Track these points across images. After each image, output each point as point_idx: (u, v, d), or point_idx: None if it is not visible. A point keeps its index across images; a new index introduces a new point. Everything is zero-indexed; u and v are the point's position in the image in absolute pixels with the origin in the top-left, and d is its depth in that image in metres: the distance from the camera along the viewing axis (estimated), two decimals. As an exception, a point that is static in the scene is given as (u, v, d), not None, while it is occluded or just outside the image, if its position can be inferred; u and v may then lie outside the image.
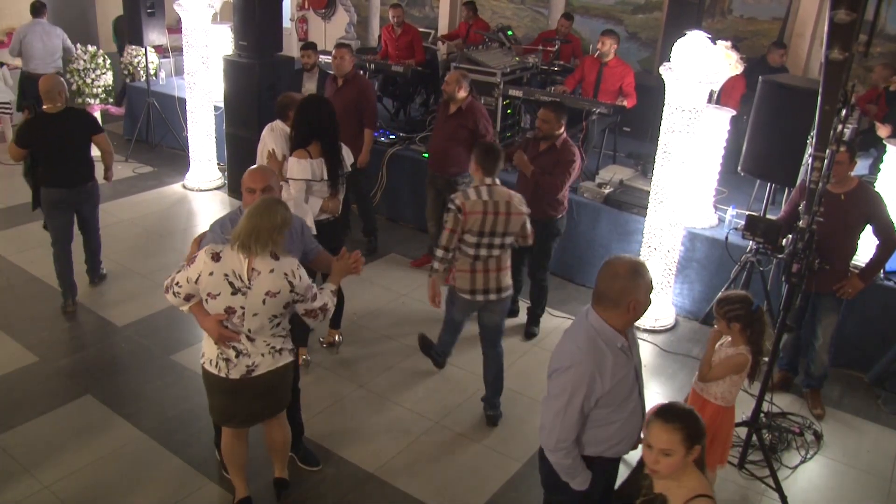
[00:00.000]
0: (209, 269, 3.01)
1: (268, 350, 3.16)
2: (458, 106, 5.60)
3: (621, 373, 2.57)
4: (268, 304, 3.03)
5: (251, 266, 2.99)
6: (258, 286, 3.00)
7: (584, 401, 2.53)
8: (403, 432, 4.23)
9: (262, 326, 3.10)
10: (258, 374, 3.16)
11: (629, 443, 2.74)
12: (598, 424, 2.64)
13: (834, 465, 4.19)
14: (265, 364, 3.16)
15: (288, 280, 3.03)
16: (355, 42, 10.96)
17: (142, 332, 5.07)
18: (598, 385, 2.52)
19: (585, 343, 2.56)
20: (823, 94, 3.18)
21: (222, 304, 3.04)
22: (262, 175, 3.37)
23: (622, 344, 2.58)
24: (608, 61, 6.82)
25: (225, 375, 3.15)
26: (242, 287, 3.01)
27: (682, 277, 5.64)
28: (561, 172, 4.83)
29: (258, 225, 2.95)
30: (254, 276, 2.99)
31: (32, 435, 4.04)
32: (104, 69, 8.51)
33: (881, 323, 4.86)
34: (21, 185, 7.67)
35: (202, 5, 7.34)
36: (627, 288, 2.51)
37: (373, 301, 5.69)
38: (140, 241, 6.56)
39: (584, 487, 2.69)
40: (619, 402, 2.62)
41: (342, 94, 6.00)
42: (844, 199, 4.19)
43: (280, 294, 3.03)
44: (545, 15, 10.23)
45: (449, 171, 5.71)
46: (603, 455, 2.72)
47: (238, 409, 3.27)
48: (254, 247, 2.96)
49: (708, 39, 4.85)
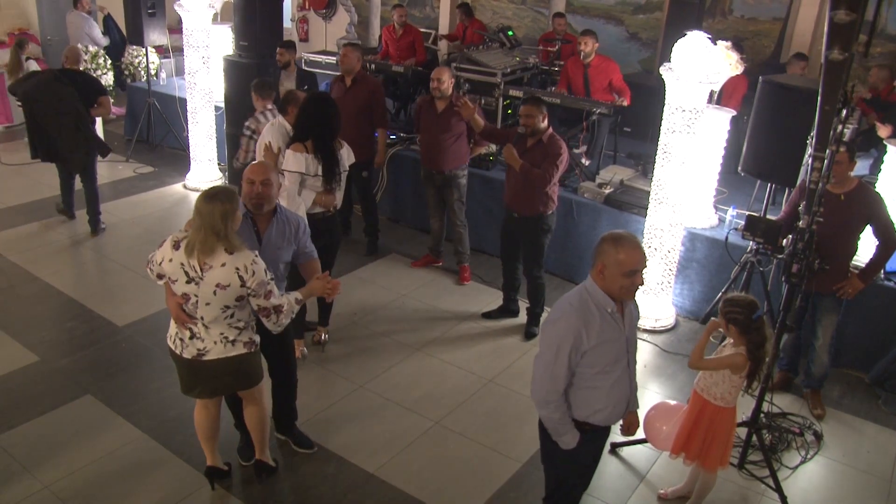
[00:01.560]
0: (169, 255, 3.16)
1: (220, 339, 3.25)
2: (446, 102, 5.60)
3: (608, 335, 2.76)
4: (218, 295, 3.12)
5: (203, 260, 3.09)
6: (209, 278, 3.10)
7: (571, 352, 2.72)
8: (403, 432, 4.23)
9: (216, 317, 3.19)
10: (208, 359, 3.27)
11: (615, 413, 2.91)
12: (583, 386, 2.82)
13: (834, 466, 4.19)
14: (216, 351, 3.26)
15: (238, 275, 3.10)
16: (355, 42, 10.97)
17: (142, 332, 5.08)
18: (584, 339, 2.71)
19: (577, 301, 2.77)
20: (823, 95, 3.18)
21: (180, 290, 3.18)
22: (262, 168, 3.46)
23: (612, 309, 2.75)
24: (590, 61, 6.82)
25: (179, 353, 3.32)
26: (196, 277, 3.12)
27: (682, 278, 5.64)
28: (548, 166, 4.87)
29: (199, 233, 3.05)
30: (206, 269, 3.10)
31: (33, 435, 4.04)
32: (105, 69, 8.52)
33: (881, 323, 4.86)
34: (21, 185, 7.71)
35: (203, 6, 7.35)
36: (601, 250, 2.73)
37: (373, 300, 5.69)
38: (141, 241, 6.56)
39: (571, 446, 2.87)
40: (604, 366, 2.79)
41: (352, 95, 5.99)
42: (844, 200, 4.19)
43: (230, 287, 3.11)
44: (545, 15, 10.23)
45: (448, 167, 5.72)
46: (590, 421, 2.89)
47: (196, 383, 3.41)
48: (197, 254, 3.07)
49: (708, 40, 4.86)
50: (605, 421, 2.92)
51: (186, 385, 3.46)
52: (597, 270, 2.74)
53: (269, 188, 3.42)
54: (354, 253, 6.42)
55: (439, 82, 5.54)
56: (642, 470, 4.05)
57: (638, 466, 4.07)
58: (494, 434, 4.24)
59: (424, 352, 5.06)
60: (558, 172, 4.93)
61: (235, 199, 3.13)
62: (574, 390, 2.84)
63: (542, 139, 4.92)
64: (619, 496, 3.85)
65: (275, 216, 3.53)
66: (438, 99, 5.61)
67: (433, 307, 5.67)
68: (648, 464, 4.08)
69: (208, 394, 3.48)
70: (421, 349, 5.09)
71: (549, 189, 4.96)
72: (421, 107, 5.85)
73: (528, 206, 5.01)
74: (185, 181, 7.94)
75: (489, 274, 6.10)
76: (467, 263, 6.07)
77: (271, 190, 3.43)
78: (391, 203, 7.14)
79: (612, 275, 2.71)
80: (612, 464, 4.09)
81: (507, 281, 5.47)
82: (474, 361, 4.96)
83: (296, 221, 3.64)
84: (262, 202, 3.42)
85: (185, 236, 3.15)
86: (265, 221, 3.51)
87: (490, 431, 4.28)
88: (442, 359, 4.97)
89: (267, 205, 3.45)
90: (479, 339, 5.25)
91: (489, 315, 5.54)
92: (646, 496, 3.87)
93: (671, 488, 3.85)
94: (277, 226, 3.53)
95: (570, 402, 2.86)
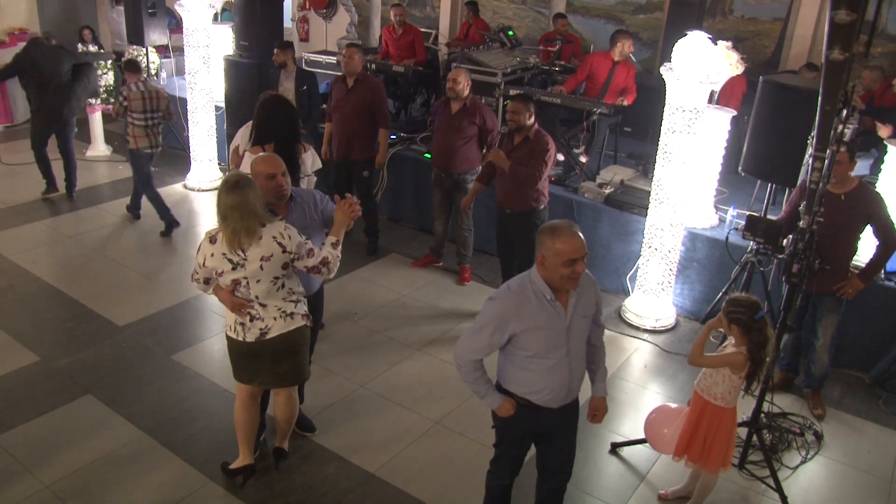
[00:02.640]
0: (210, 251, 3.29)
1: (279, 314, 3.37)
2: (462, 104, 5.60)
3: (543, 322, 2.83)
4: (265, 268, 3.24)
5: (246, 243, 3.22)
6: (252, 255, 3.23)
7: (493, 331, 2.85)
8: (403, 432, 4.23)
9: (269, 291, 3.31)
10: (271, 336, 3.38)
11: (556, 397, 2.96)
12: (518, 366, 2.95)
13: (834, 466, 4.19)
14: (277, 327, 3.38)
15: (277, 242, 3.22)
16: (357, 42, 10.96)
17: (142, 332, 5.08)
18: (512, 323, 2.82)
19: (516, 286, 2.88)
20: (824, 95, 3.18)
21: (228, 279, 3.30)
22: (276, 161, 3.49)
23: (550, 297, 2.81)
24: (620, 61, 6.84)
25: (242, 339, 3.41)
26: (239, 261, 3.25)
27: (682, 278, 5.64)
28: (536, 162, 4.89)
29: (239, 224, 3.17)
30: (247, 249, 3.23)
31: (33, 434, 4.04)
32: (105, 69, 8.52)
33: (881, 323, 4.86)
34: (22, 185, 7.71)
35: (203, 6, 7.35)
36: (540, 242, 2.80)
37: (373, 300, 5.69)
38: (141, 240, 6.56)
39: (494, 407, 3.03)
40: (538, 351, 2.87)
41: (354, 95, 5.98)
42: (845, 200, 4.19)
43: (274, 257, 3.23)
44: (546, 15, 10.23)
45: (458, 170, 5.72)
46: (529, 398, 2.97)
47: (258, 371, 3.50)
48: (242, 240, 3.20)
49: (709, 40, 4.85)
50: (547, 402, 2.98)
51: (246, 373, 3.53)
52: (538, 261, 2.81)
53: (286, 177, 3.49)
54: (355, 253, 6.42)
55: (455, 83, 5.55)
56: (642, 470, 4.05)
57: (638, 466, 4.07)
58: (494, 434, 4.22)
59: (425, 352, 5.06)
60: (547, 168, 4.95)
61: (248, 179, 3.25)
62: (511, 368, 2.98)
63: (529, 136, 4.95)
64: (619, 496, 3.85)
65: (291, 201, 3.56)
66: (454, 100, 5.62)
67: (434, 307, 5.67)
68: (649, 464, 4.08)
69: (268, 382, 3.58)
70: (421, 349, 5.09)
71: (540, 185, 4.98)
72: (437, 108, 5.88)
73: (520, 202, 5.05)
74: (186, 181, 7.94)
75: (489, 274, 6.10)
76: (468, 264, 6.07)
77: (287, 179, 3.50)
78: (391, 203, 7.14)
79: (552, 265, 2.76)
80: (613, 464, 4.10)
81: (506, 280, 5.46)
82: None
83: (310, 197, 3.68)
84: (283, 192, 3.48)
85: (218, 230, 3.27)
86: (284, 209, 3.54)
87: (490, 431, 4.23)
88: (442, 359, 4.97)
89: (287, 193, 3.51)
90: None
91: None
92: (646, 496, 3.87)
93: (671, 488, 3.85)
94: (297, 210, 3.57)
95: (507, 378, 3.02)
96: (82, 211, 7.14)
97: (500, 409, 3.02)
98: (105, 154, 8.77)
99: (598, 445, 4.19)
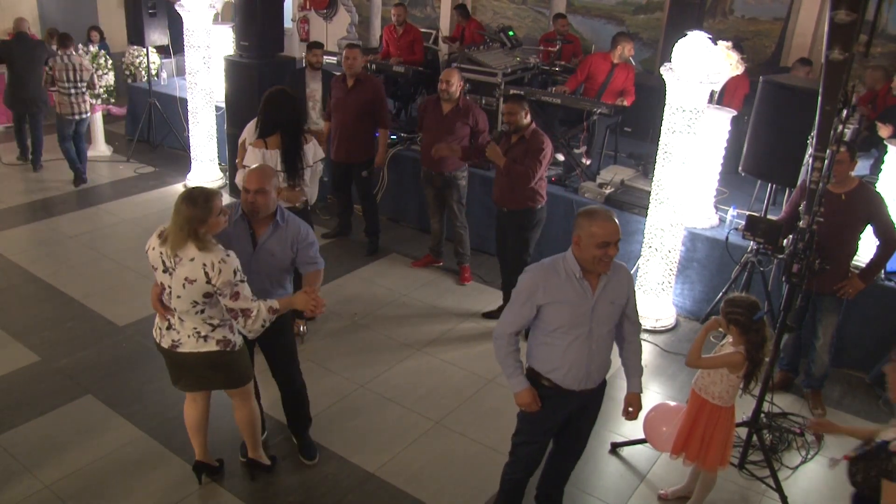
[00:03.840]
0: (154, 244, 3.26)
1: (193, 333, 3.30)
2: (454, 104, 5.59)
3: (568, 297, 2.97)
4: (187, 289, 3.16)
5: (175, 251, 3.17)
6: (180, 271, 3.16)
7: (524, 302, 3.02)
8: (403, 432, 4.23)
9: (187, 310, 3.23)
10: (182, 351, 3.34)
11: (572, 376, 3.06)
12: (541, 341, 3.09)
13: (834, 466, 4.19)
14: (188, 345, 3.32)
15: (205, 271, 3.12)
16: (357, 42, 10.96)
17: (142, 332, 5.07)
18: (539, 292, 2.99)
19: (549, 262, 3.05)
20: (824, 95, 3.18)
21: (159, 279, 3.28)
22: (258, 177, 3.41)
23: (579, 275, 2.95)
24: (619, 63, 6.84)
25: (159, 342, 3.41)
26: (170, 268, 3.20)
27: (682, 278, 5.64)
28: (531, 162, 4.89)
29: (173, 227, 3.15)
30: (177, 261, 3.17)
31: (33, 434, 4.04)
32: (106, 69, 8.52)
33: (882, 323, 4.86)
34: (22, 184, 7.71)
35: (204, 6, 7.35)
36: (577, 224, 2.94)
37: (373, 301, 5.69)
38: (141, 240, 6.45)
39: (516, 390, 3.11)
40: (560, 325, 3.00)
41: (354, 95, 5.97)
42: (845, 200, 4.19)
43: (196, 283, 3.14)
44: (546, 15, 10.23)
45: (449, 169, 5.71)
46: (549, 377, 3.09)
47: (180, 375, 3.48)
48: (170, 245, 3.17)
49: (709, 40, 4.85)
50: (563, 381, 3.07)
51: (173, 376, 3.51)
52: (574, 241, 2.95)
53: (265, 197, 3.37)
54: (355, 253, 6.42)
55: (448, 84, 5.53)
56: (642, 470, 4.05)
57: (638, 466, 4.07)
58: (495, 434, 4.23)
59: (425, 352, 5.06)
60: (541, 168, 4.95)
61: (210, 206, 3.12)
62: (535, 343, 3.13)
63: (525, 135, 4.96)
64: (619, 496, 3.85)
65: (274, 222, 3.47)
66: (445, 101, 5.61)
67: (434, 307, 5.67)
68: (649, 464, 4.08)
69: (192, 386, 3.54)
70: (422, 349, 5.09)
71: (536, 184, 4.98)
72: (426, 107, 5.84)
73: (515, 201, 5.06)
74: (186, 181, 7.94)
75: (489, 274, 6.10)
76: (468, 264, 6.07)
77: (267, 198, 3.38)
78: (391, 203, 7.14)
79: (586, 245, 2.89)
80: (613, 464, 4.10)
81: (505, 280, 5.47)
82: (475, 361, 4.96)
83: (297, 229, 3.53)
84: (256, 210, 3.40)
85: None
86: (263, 226, 3.46)
87: (491, 431, 4.27)
88: (443, 359, 4.97)
89: (263, 211, 3.42)
90: (479, 338, 5.25)
91: (490, 315, 5.54)
92: (646, 496, 3.87)
93: (672, 488, 3.85)
94: (275, 232, 3.47)
95: (532, 354, 3.16)
96: (82, 211, 7.14)
97: (520, 396, 3.11)
98: (105, 154, 8.77)
99: (598, 445, 4.19)
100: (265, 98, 4.41)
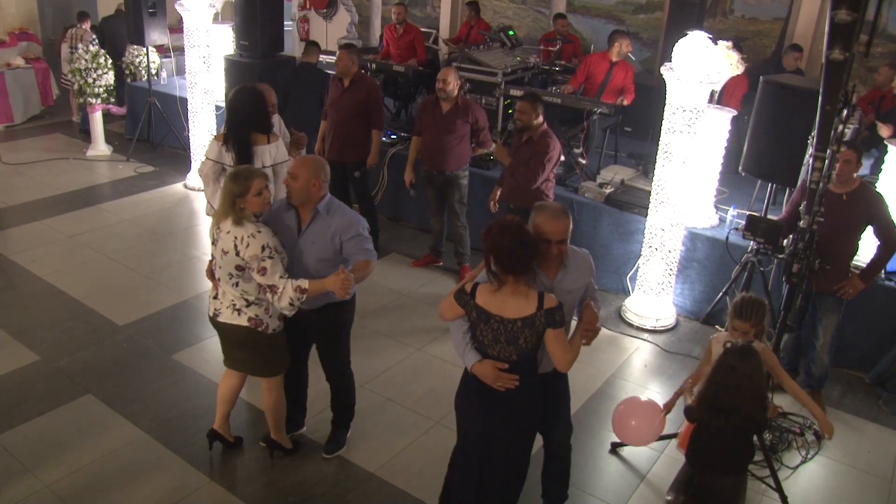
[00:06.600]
0: (212, 219, 3.57)
1: (230, 304, 3.51)
2: (453, 103, 5.59)
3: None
4: (224, 260, 3.41)
5: (218, 224, 3.45)
6: (220, 243, 3.43)
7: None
8: (403, 432, 4.23)
9: (226, 281, 3.46)
10: (220, 320, 3.55)
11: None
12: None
13: (834, 466, 4.19)
14: (225, 315, 3.53)
15: (234, 244, 3.35)
16: (357, 42, 10.95)
17: (143, 332, 5.08)
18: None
19: None
20: (824, 95, 3.18)
21: (212, 251, 3.56)
22: (296, 163, 3.57)
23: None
24: (618, 61, 6.84)
25: (209, 313, 3.65)
26: (216, 240, 3.47)
27: (682, 277, 5.63)
28: (536, 164, 4.89)
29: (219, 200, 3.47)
30: (219, 234, 3.44)
31: (33, 434, 4.04)
32: (105, 69, 8.52)
33: (882, 323, 4.86)
34: (22, 184, 7.71)
35: (204, 5, 7.35)
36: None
37: (373, 301, 5.69)
38: (141, 240, 6.56)
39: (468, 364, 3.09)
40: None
41: (349, 95, 5.96)
42: (846, 200, 4.19)
43: (228, 255, 3.38)
44: (546, 15, 10.23)
45: (450, 168, 5.71)
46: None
47: (223, 347, 3.72)
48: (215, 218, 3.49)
49: (709, 39, 4.85)
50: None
51: (222, 347, 3.73)
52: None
53: (295, 182, 3.43)
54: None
55: (445, 83, 5.53)
56: (643, 470, 4.04)
57: (638, 466, 4.07)
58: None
59: (425, 351, 5.06)
60: (545, 170, 4.95)
61: (248, 184, 3.34)
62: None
63: (533, 137, 4.96)
64: (619, 496, 3.85)
65: (314, 210, 3.49)
66: (443, 100, 5.60)
67: (434, 307, 5.64)
68: (649, 464, 4.08)
69: (228, 362, 3.73)
70: (422, 349, 5.09)
71: (543, 185, 4.98)
72: (424, 107, 5.84)
73: (521, 199, 5.06)
74: (186, 181, 7.94)
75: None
76: (468, 263, 6.06)
77: (296, 184, 3.42)
78: (391, 203, 7.14)
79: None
80: (613, 464, 4.10)
81: None
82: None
83: (343, 222, 3.50)
84: (290, 193, 3.48)
85: None
86: (306, 214, 3.51)
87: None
88: (443, 358, 4.97)
89: (297, 198, 3.45)
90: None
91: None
92: (646, 496, 3.87)
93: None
94: (317, 222, 3.50)
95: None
96: (82, 211, 7.13)
97: (476, 367, 3.06)
98: (105, 154, 8.76)
99: (598, 445, 4.19)
100: (231, 94, 4.51)
